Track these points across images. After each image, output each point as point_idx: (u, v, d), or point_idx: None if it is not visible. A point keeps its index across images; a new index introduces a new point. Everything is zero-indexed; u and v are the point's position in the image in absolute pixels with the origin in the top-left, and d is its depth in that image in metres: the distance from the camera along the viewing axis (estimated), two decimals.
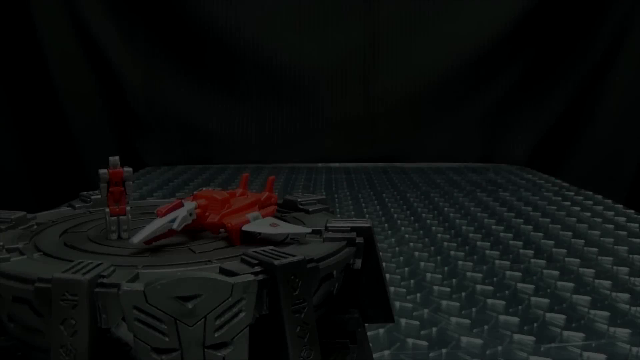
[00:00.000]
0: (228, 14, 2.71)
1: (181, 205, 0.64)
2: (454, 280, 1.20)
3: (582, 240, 1.47)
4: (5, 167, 2.57)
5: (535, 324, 1.00)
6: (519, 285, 1.17)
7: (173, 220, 0.63)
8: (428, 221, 1.68)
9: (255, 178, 2.27)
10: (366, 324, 0.69)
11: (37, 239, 0.67)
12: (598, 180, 2.65)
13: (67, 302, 0.50)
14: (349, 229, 0.66)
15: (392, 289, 1.13)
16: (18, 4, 2.57)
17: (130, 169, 0.68)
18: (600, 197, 1.99)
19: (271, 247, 0.58)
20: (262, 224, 0.65)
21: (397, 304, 1.07)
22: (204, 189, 0.72)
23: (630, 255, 1.36)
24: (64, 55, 2.66)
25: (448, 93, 2.76)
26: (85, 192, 0.84)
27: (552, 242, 1.46)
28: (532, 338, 0.94)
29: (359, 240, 0.65)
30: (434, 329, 0.98)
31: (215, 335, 0.49)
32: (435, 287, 1.16)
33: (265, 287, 0.52)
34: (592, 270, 1.26)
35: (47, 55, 2.63)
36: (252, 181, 2.16)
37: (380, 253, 0.68)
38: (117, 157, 0.68)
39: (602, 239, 1.50)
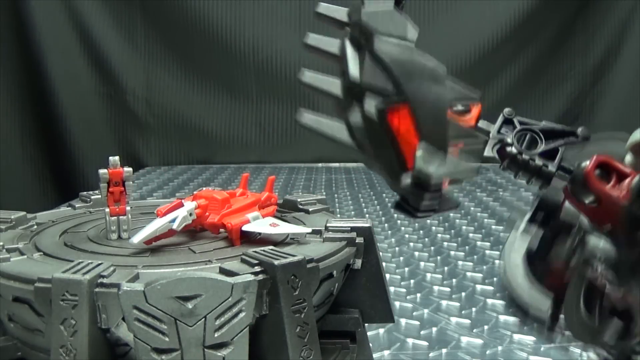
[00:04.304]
0: (228, 14, 2.71)
1: (181, 205, 0.64)
2: (454, 280, 1.20)
3: None
4: (6, 166, 2.57)
5: (535, 324, 1.00)
6: None
7: (173, 220, 0.63)
8: (428, 221, 1.68)
9: (255, 178, 2.27)
10: (366, 324, 0.69)
11: (37, 239, 0.67)
12: None
13: (67, 302, 0.50)
14: (349, 229, 0.66)
15: (392, 289, 1.13)
16: (18, 4, 2.58)
17: (130, 169, 0.69)
18: None
19: (271, 247, 0.58)
20: (262, 224, 0.65)
21: (397, 304, 1.07)
22: (204, 189, 0.72)
23: None
24: (63, 55, 2.66)
25: None
26: (85, 192, 0.84)
27: None
28: (532, 338, 0.94)
29: (359, 240, 0.65)
30: (434, 329, 0.98)
31: (215, 335, 0.49)
32: (435, 287, 1.16)
33: (265, 287, 0.52)
34: None
35: (47, 55, 2.63)
36: (252, 181, 2.16)
37: (380, 253, 0.67)
38: (117, 157, 0.68)
39: None
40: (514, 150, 0.48)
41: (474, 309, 1.06)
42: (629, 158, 0.48)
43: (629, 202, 0.45)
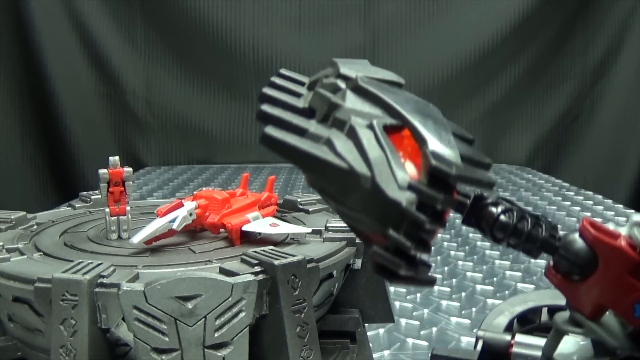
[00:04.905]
0: (228, 14, 2.71)
1: (181, 205, 0.65)
2: (454, 280, 1.20)
3: None
4: (6, 167, 2.57)
5: None
6: (519, 285, 1.17)
7: (173, 220, 0.63)
8: None
9: (255, 178, 2.27)
10: (366, 324, 0.69)
11: (37, 239, 0.67)
12: (598, 180, 2.65)
13: (67, 302, 0.50)
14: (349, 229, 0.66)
15: (392, 289, 1.13)
16: (18, 4, 2.58)
17: (130, 169, 0.69)
18: (600, 197, 1.99)
19: (271, 247, 0.58)
20: (262, 224, 0.65)
21: (397, 304, 1.07)
22: (204, 189, 0.72)
23: None
24: (63, 55, 2.66)
25: (448, 93, 2.76)
26: (85, 192, 0.84)
27: None
28: None
29: (359, 240, 0.65)
30: (434, 329, 0.98)
31: (215, 335, 0.49)
32: (435, 287, 1.16)
33: (265, 287, 0.52)
34: None
35: (47, 55, 2.63)
36: (252, 181, 2.16)
37: None
38: (117, 157, 0.68)
39: None
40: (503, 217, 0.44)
41: (474, 309, 1.06)
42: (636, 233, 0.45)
43: None
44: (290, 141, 0.38)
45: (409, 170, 0.38)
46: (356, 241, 0.65)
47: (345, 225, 0.67)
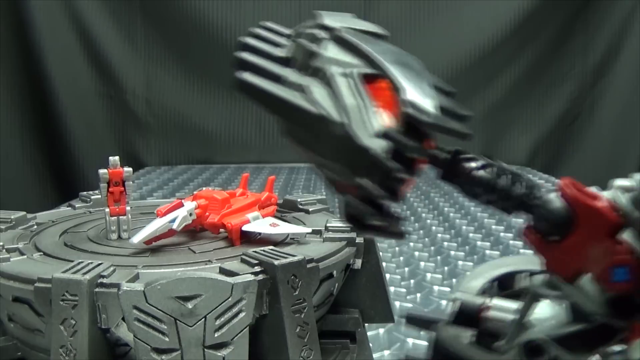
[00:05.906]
0: (228, 14, 2.71)
1: (181, 205, 0.65)
2: (454, 280, 1.20)
3: None
4: (6, 167, 2.57)
5: None
6: None
7: (173, 220, 0.63)
8: (428, 221, 1.68)
9: (255, 178, 2.26)
10: (366, 324, 0.69)
11: (37, 239, 0.67)
12: (598, 180, 2.65)
13: (67, 302, 0.50)
14: (349, 229, 0.66)
15: (392, 289, 1.13)
16: (18, 4, 2.58)
17: (130, 169, 0.69)
18: None
19: (271, 247, 0.58)
20: (262, 224, 0.65)
21: (397, 304, 1.07)
22: (204, 189, 0.72)
23: None
24: (64, 56, 2.66)
25: None
26: (85, 192, 0.84)
27: None
28: None
29: (359, 240, 0.65)
30: None
31: (215, 335, 0.49)
32: (435, 287, 1.16)
33: (265, 287, 0.52)
34: None
35: (47, 55, 2.63)
36: (252, 181, 2.16)
37: (380, 253, 0.67)
38: (117, 157, 0.68)
39: None
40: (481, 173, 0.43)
41: None
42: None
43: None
44: (264, 86, 0.38)
45: (384, 119, 0.38)
46: (356, 241, 0.65)
47: (345, 225, 0.67)
